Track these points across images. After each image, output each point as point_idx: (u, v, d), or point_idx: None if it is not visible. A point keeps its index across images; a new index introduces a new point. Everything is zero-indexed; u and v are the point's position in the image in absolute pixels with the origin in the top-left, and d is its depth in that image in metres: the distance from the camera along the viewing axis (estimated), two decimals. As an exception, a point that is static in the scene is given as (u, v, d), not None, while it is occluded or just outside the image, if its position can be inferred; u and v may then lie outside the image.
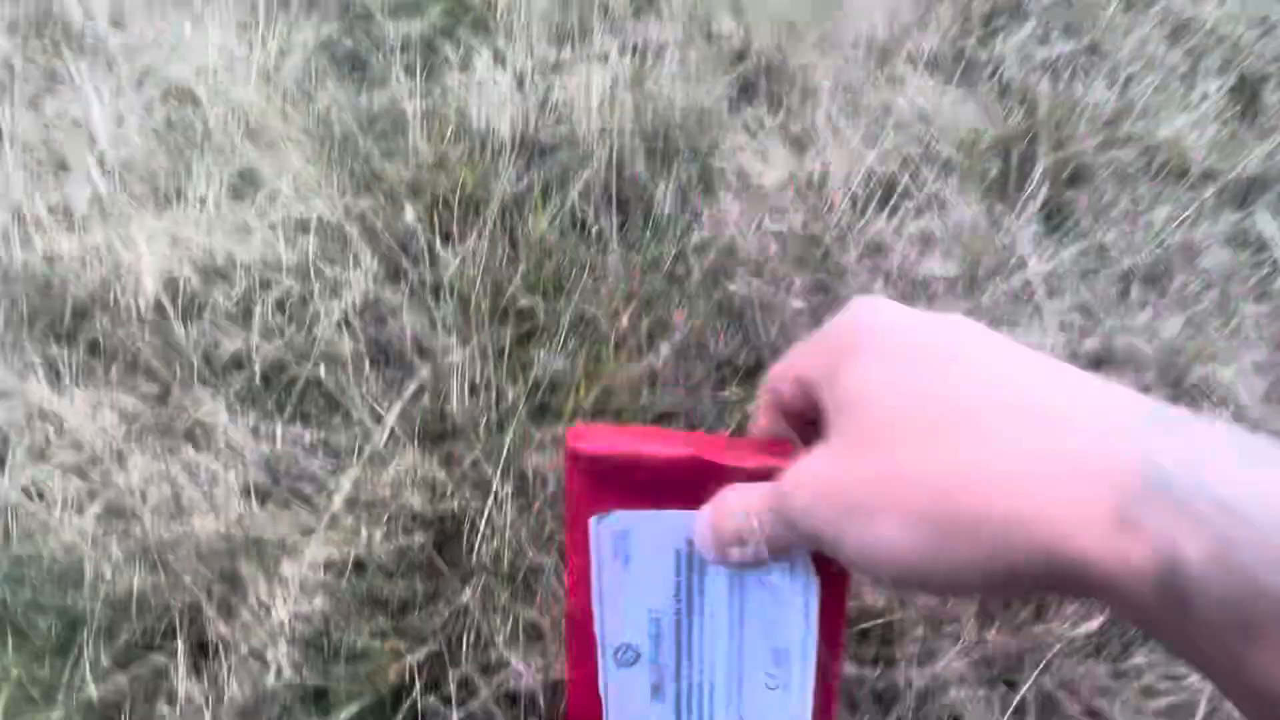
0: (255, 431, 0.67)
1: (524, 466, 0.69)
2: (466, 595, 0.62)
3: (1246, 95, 0.98)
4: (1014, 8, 1.05)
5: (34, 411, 0.65)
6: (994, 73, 0.99)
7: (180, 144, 0.81)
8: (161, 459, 0.65)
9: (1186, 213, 0.88)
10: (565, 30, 0.94)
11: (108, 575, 0.60)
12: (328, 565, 0.61)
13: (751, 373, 0.79)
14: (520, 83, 0.88)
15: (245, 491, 0.65)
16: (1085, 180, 0.90)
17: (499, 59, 0.90)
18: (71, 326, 0.73)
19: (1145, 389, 0.77)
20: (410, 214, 0.73)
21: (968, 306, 0.80)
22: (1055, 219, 0.87)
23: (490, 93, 0.87)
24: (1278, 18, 1.03)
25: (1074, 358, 0.78)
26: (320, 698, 0.57)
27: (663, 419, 0.75)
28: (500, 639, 0.58)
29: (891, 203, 0.86)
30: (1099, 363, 0.79)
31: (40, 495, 0.63)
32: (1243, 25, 1.02)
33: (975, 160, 0.90)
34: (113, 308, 0.71)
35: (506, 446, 0.69)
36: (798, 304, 0.78)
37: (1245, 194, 0.91)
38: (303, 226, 0.76)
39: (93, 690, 0.56)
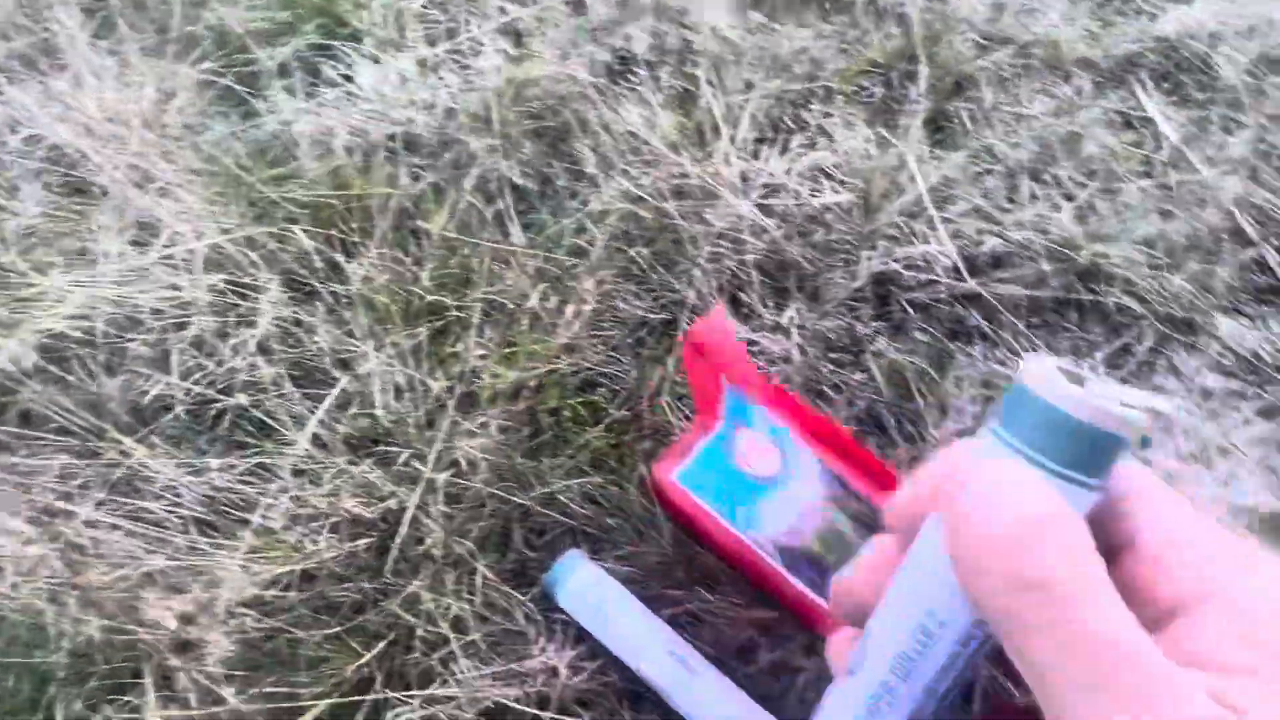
0: (189, 468, 0.69)
1: (457, 456, 0.71)
2: (414, 586, 0.64)
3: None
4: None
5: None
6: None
7: (79, 204, 0.82)
8: (105, 509, 0.67)
9: (1068, 102, 0.90)
10: (438, 29, 0.94)
11: (69, 629, 0.62)
12: (275, 582, 0.63)
13: (667, 327, 0.81)
14: (403, 84, 0.89)
15: (188, 528, 0.67)
16: (966, 89, 0.92)
17: (378, 67, 0.91)
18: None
19: (1042, 279, 0.80)
20: (303, 234, 0.75)
21: (867, 229, 0.82)
22: (940, 131, 0.90)
23: (374, 101, 0.88)
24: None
25: (972, 261, 0.81)
26: (290, 700, 0.60)
27: (587, 387, 0.77)
28: (446, 624, 0.61)
29: (780, 141, 0.88)
30: (998, 262, 0.82)
31: (-8, 564, 0.65)
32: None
33: (856, 86, 0.92)
34: (40, 372, 0.73)
35: (437, 439, 0.71)
36: (703, 259, 0.81)
37: (1121, 76, 0.93)
38: (206, 264, 0.77)
39: (69, 737, 0.58)
